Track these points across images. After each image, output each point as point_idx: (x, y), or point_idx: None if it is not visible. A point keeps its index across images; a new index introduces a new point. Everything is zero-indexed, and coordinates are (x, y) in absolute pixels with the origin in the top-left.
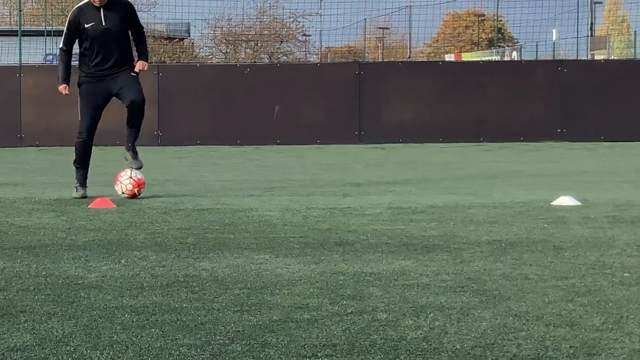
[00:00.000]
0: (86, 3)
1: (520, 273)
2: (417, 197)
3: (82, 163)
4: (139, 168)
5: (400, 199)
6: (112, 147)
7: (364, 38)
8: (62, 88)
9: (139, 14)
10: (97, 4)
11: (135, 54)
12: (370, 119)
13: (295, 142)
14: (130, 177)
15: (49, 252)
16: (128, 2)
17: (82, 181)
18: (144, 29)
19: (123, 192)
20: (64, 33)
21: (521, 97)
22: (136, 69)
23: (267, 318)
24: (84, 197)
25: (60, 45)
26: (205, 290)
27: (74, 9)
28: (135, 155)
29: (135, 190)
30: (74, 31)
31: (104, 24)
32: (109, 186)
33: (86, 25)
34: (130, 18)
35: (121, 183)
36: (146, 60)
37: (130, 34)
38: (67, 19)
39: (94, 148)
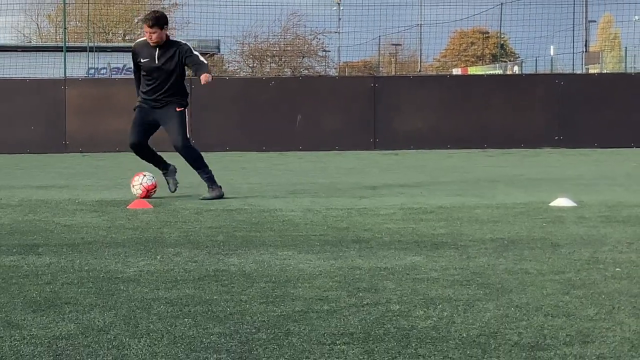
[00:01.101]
0: (145, 39)
1: (521, 268)
2: (426, 199)
3: (152, 163)
4: (212, 198)
5: (411, 200)
6: None
7: (379, 54)
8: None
9: (172, 32)
10: (152, 44)
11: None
12: (384, 128)
13: (316, 148)
14: (141, 184)
15: (91, 248)
16: (184, 43)
17: (167, 177)
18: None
19: (136, 195)
20: None
21: (522, 107)
22: (202, 82)
23: (290, 309)
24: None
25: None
26: (234, 283)
27: (136, 41)
28: (209, 189)
29: (144, 195)
30: (134, 61)
31: (157, 62)
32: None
33: (142, 61)
34: (184, 59)
35: (133, 187)
36: (207, 72)
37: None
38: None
39: (131, 154)
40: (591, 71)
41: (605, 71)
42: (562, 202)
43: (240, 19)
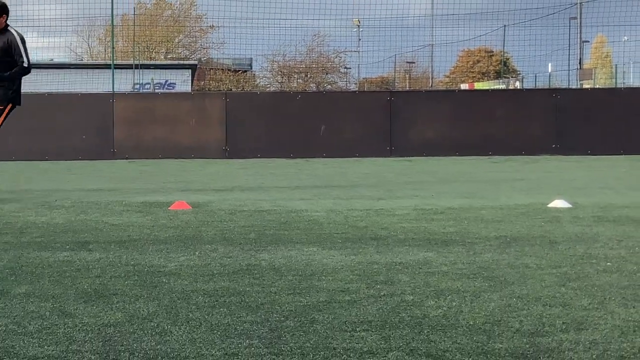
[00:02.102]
0: None
1: (522, 262)
2: (437, 201)
3: None
4: None
5: (424, 202)
6: (188, 160)
7: (394, 70)
8: None
9: (211, 51)
10: None
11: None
12: (399, 137)
13: (338, 155)
14: None
15: (136, 245)
16: (12, 33)
17: None
18: (25, 64)
19: None
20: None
21: (522, 118)
22: None
23: (315, 299)
24: None
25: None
26: (265, 276)
27: None
28: None
29: None
30: None
31: None
32: (185, 191)
33: None
34: (8, 47)
35: None
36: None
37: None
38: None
39: (172, 161)
40: (585, 86)
41: (597, 86)
42: (558, 203)
43: (270, 39)
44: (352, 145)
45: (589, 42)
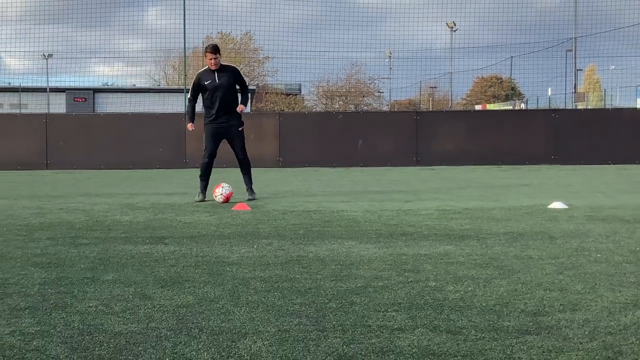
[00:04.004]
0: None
1: (526, 254)
2: (456, 203)
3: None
4: (253, 199)
5: (444, 204)
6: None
7: (420, 94)
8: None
9: (266, 78)
10: (212, 68)
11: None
12: (424, 149)
13: (373, 165)
14: (221, 194)
15: (204, 239)
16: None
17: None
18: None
19: (219, 202)
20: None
21: (527, 134)
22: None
23: (353, 285)
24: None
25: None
26: (312, 266)
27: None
28: (251, 192)
29: (225, 201)
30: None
31: (217, 81)
32: (245, 194)
33: (206, 83)
34: (236, 78)
35: (215, 197)
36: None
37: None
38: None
39: (234, 169)
40: (579, 107)
41: (589, 107)
42: (557, 205)
43: (316, 68)
44: (385, 157)
45: (582, 70)
